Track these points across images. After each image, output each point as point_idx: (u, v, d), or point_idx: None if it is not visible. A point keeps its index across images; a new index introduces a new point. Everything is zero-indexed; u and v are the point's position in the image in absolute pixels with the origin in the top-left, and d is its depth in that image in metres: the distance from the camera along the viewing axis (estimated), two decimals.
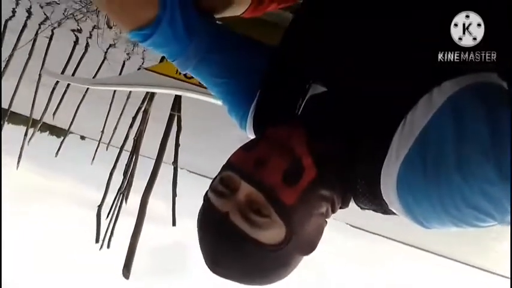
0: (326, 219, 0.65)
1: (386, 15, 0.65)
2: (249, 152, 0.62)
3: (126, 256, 4.12)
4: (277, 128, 0.65)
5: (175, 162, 3.37)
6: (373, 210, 0.66)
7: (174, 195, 3.32)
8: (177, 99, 3.90)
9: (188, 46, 0.74)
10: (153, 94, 3.79)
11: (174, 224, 3.38)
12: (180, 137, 3.50)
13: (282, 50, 0.78)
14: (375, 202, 0.63)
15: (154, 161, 3.74)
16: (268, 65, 0.76)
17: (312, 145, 0.62)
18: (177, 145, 3.47)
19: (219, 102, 0.84)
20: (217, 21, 0.80)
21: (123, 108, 5.04)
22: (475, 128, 0.52)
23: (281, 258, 0.60)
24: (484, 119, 0.51)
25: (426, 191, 0.55)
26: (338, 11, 0.71)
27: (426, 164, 0.55)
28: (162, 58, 3.40)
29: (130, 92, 4.83)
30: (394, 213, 0.63)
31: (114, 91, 5.13)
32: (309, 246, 0.63)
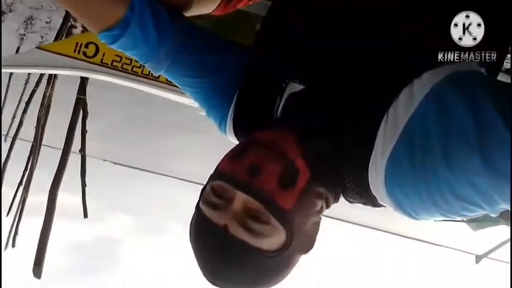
0: (321, 216, 0.65)
1: (381, 14, 0.63)
2: (240, 160, 0.59)
3: (36, 254, 3.81)
4: (265, 132, 0.63)
5: (82, 150, 3.14)
6: (363, 204, 0.66)
7: (84, 185, 3.11)
8: (83, 82, 3.63)
9: (159, 48, 0.71)
10: (51, 77, 3.46)
11: (85, 215, 3.17)
12: (86, 123, 3.26)
13: (257, 48, 0.76)
14: (364, 196, 0.62)
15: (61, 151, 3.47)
16: (245, 64, 0.75)
17: (302, 146, 0.60)
18: (83, 131, 3.23)
19: (128, 83, 0.83)
20: (189, 21, 0.77)
21: (22, 95, 4.55)
22: (459, 119, 0.51)
23: (283, 261, 0.60)
24: (467, 110, 0.51)
25: (414, 184, 0.55)
26: (316, 7, 0.70)
27: (413, 157, 0.55)
28: (57, 36, 3.12)
29: (29, 75, 4.37)
30: (384, 206, 0.63)
31: (10, 76, 4.60)
32: (308, 245, 0.63)
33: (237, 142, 0.77)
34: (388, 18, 0.63)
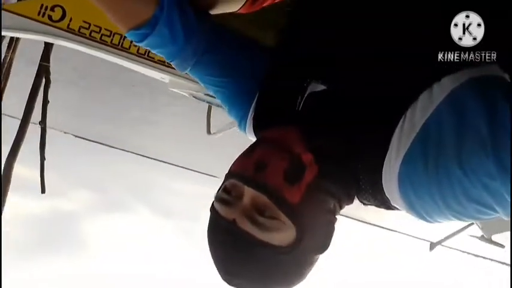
0: (335, 216, 0.65)
1: (386, 15, 0.64)
2: (247, 158, 0.62)
3: None
4: (273, 130, 0.65)
5: (43, 122, 2.96)
6: (376, 206, 0.65)
7: (43, 158, 2.95)
8: (47, 48, 3.40)
9: (186, 47, 0.73)
10: (13, 39, 3.22)
11: (43, 191, 3.02)
12: (48, 93, 3.07)
13: (279, 49, 0.78)
14: (378, 198, 0.62)
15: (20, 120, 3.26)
16: (267, 64, 0.77)
17: (308, 142, 0.62)
18: (45, 101, 3.04)
19: (96, 52, 0.82)
20: (215, 20, 0.78)
21: None
22: (475, 123, 0.52)
23: (295, 259, 0.60)
24: (483, 114, 0.52)
25: (428, 186, 0.55)
26: (337, 9, 0.71)
27: (427, 160, 0.55)
28: None
29: None
30: (397, 209, 0.62)
31: None
32: (322, 244, 0.63)
33: None
34: (389, 19, 0.64)
